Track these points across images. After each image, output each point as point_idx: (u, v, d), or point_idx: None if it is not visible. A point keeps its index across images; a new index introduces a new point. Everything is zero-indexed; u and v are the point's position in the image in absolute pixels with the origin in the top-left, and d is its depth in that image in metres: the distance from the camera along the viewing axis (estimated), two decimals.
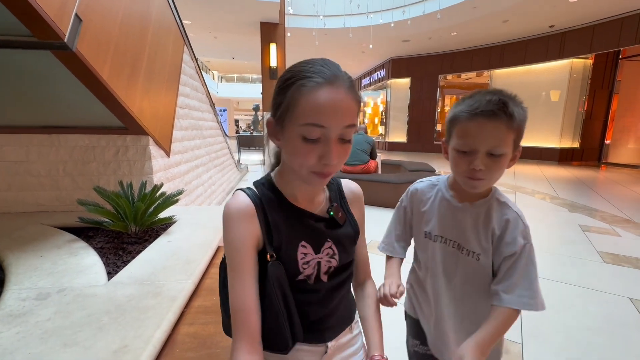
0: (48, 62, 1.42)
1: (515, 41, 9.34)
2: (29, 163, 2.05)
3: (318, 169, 0.52)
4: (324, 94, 0.49)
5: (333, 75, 0.50)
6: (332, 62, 0.53)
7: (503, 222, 0.71)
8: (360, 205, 0.71)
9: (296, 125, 0.50)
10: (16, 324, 0.91)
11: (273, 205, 0.59)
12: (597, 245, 2.78)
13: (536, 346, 1.49)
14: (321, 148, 0.51)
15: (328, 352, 0.64)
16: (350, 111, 0.51)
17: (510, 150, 0.66)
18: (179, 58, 2.71)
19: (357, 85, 1.00)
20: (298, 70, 0.52)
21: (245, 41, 9.00)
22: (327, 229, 0.62)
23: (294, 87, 0.50)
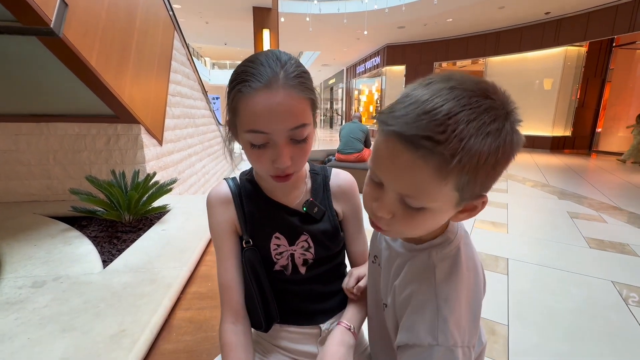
0: (34, 48, 1.39)
1: (510, 28, 9.28)
2: (18, 152, 2.02)
3: (273, 172, 0.52)
4: (259, 100, 0.46)
5: (270, 77, 0.46)
6: (277, 57, 0.49)
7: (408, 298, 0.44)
8: (348, 199, 0.67)
9: (242, 131, 0.50)
10: (14, 311, 0.92)
11: (250, 196, 0.62)
12: (583, 231, 2.86)
13: (521, 327, 1.55)
14: (270, 152, 0.50)
15: (322, 334, 0.66)
16: (293, 113, 0.48)
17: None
18: (169, 44, 2.66)
19: (309, 77, 0.80)
20: (239, 71, 0.49)
21: (237, 27, 8.80)
22: (303, 223, 0.62)
23: (234, 92, 0.49)
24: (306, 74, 0.51)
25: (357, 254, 0.70)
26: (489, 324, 1.57)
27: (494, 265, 2.20)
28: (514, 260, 2.26)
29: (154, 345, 0.86)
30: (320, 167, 0.69)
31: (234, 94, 0.49)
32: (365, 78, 14.69)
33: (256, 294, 0.60)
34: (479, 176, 0.34)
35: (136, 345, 0.79)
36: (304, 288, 0.63)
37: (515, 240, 2.65)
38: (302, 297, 0.64)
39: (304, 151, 0.53)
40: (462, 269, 0.42)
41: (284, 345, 0.66)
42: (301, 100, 0.49)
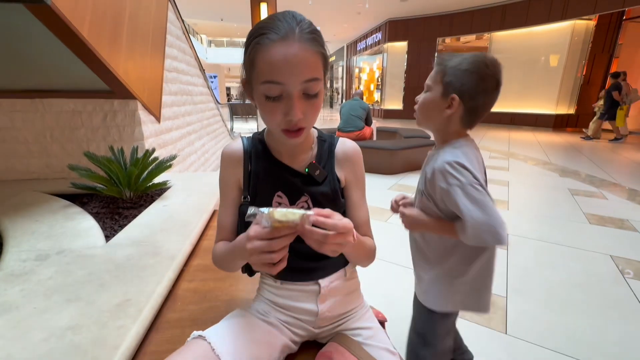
0: (24, 18, 1.33)
1: (517, 1, 8.93)
2: (15, 130, 1.99)
3: (285, 125, 0.54)
4: (277, 51, 0.49)
5: (287, 30, 0.49)
6: (292, 15, 0.52)
7: (432, 169, 0.76)
8: (351, 165, 0.69)
9: (258, 84, 0.52)
10: (19, 283, 0.93)
11: (258, 156, 0.67)
12: (584, 207, 2.86)
13: (520, 300, 1.58)
14: (284, 105, 0.52)
15: (322, 291, 0.68)
16: (307, 65, 0.50)
17: None
18: (163, 16, 2.56)
19: (322, 36, 0.87)
20: (257, 27, 0.52)
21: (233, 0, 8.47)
22: (304, 185, 0.65)
23: (252, 46, 0.51)
24: (318, 32, 0.53)
25: (359, 221, 0.69)
26: None
27: None
28: (514, 236, 2.28)
29: (159, 314, 0.87)
30: (328, 134, 0.71)
31: (252, 47, 0.51)
32: (366, 55, 14.32)
33: None
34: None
35: (142, 313, 0.81)
36: (303, 246, 0.64)
37: (516, 217, 2.66)
38: (302, 256, 0.65)
39: (315, 107, 0.55)
40: (463, 148, 0.75)
41: (284, 303, 0.69)
42: (314, 54, 0.51)
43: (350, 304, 0.72)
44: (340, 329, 0.71)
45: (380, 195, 3.24)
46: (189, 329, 0.69)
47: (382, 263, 1.92)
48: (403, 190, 3.34)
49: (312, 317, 0.68)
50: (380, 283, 1.72)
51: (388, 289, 1.67)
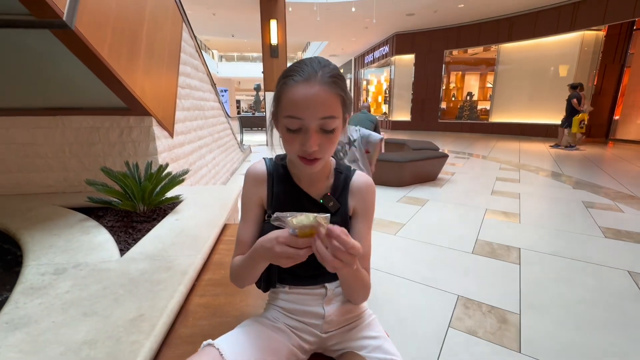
0: (48, 42, 1.41)
1: (524, 13, 8.98)
2: (36, 145, 2.07)
3: (301, 153, 0.61)
4: (298, 90, 0.57)
5: (310, 74, 0.57)
6: (318, 61, 0.60)
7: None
8: (362, 199, 0.72)
9: (281, 117, 0.60)
10: (38, 296, 0.96)
11: (280, 179, 0.72)
12: (599, 220, 2.80)
13: (534, 317, 1.54)
14: (302, 137, 0.59)
15: (328, 294, 0.71)
16: (325, 104, 0.57)
17: None
18: (178, 36, 2.66)
19: (344, 81, 0.90)
20: (287, 69, 0.61)
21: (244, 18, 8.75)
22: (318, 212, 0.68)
23: (280, 85, 0.61)
24: (341, 77, 0.60)
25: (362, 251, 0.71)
26: (500, 312, 1.57)
27: (505, 254, 2.18)
28: (527, 250, 2.24)
29: (172, 329, 0.88)
30: (345, 166, 0.75)
31: (280, 86, 0.60)
32: (374, 68, 14.49)
33: None
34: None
35: (155, 328, 0.82)
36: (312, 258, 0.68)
37: (528, 230, 2.61)
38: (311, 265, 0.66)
39: (331, 141, 0.61)
40: None
41: (292, 307, 0.72)
42: (332, 96, 0.58)
43: (356, 309, 0.75)
44: (347, 338, 0.72)
45: (389, 208, 3.23)
46: (200, 344, 0.70)
47: (391, 277, 1.90)
48: (412, 203, 3.33)
49: (319, 321, 0.71)
50: (389, 297, 1.70)
51: (396, 303, 1.65)
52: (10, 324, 0.83)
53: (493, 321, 1.51)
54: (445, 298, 1.68)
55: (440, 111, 11.66)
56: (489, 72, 10.78)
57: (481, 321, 1.51)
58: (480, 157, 6.27)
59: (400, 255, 2.21)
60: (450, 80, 11.87)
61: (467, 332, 1.43)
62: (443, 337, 1.40)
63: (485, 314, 1.56)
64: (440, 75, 11.38)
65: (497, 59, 10.03)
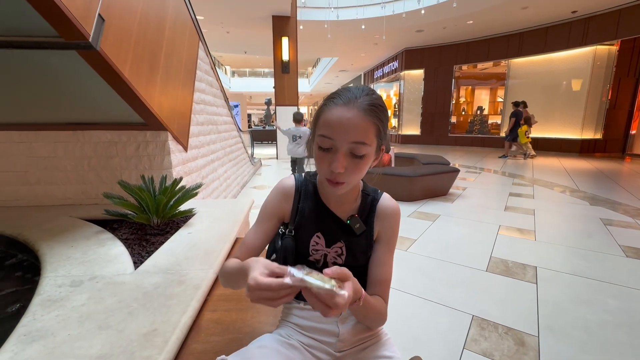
0: (72, 61, 1.48)
1: (534, 28, 9.01)
2: (57, 159, 2.15)
3: (328, 175, 0.62)
4: (336, 112, 0.59)
5: (350, 99, 0.59)
6: (363, 89, 0.62)
7: None
8: (388, 223, 0.73)
9: (317, 135, 0.62)
10: (55, 308, 0.97)
11: (308, 196, 0.73)
12: (619, 239, 2.70)
13: (553, 340, 1.48)
14: (331, 157, 0.60)
15: (343, 312, 0.69)
16: (358, 129, 0.58)
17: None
18: (194, 54, 2.76)
19: (384, 111, 0.61)
20: (332, 93, 0.64)
21: (257, 35, 9.02)
22: (343, 233, 0.71)
23: (322, 106, 0.63)
24: (381, 107, 0.62)
25: (379, 279, 0.71)
26: (517, 334, 1.51)
27: (521, 273, 2.11)
28: (543, 269, 2.17)
29: (184, 345, 0.88)
30: (372, 189, 0.76)
31: (321, 107, 0.63)
32: (383, 83, 14.63)
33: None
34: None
35: (168, 344, 0.82)
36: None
37: (544, 248, 2.54)
38: None
39: (359, 167, 0.61)
40: None
41: (306, 325, 0.72)
42: (367, 123, 0.59)
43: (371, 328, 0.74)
44: (361, 357, 0.71)
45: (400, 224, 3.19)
46: None
47: (402, 295, 1.86)
48: (423, 218, 3.28)
49: (333, 339, 0.70)
50: (400, 315, 1.66)
51: (408, 322, 1.61)
52: (28, 336, 0.85)
53: (510, 343, 1.45)
54: (460, 318, 1.63)
55: (450, 125, 11.63)
56: (499, 86, 10.76)
57: (498, 343, 1.46)
58: (492, 172, 6.18)
59: (411, 271, 2.16)
60: (460, 95, 11.88)
61: (483, 355, 1.38)
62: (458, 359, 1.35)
63: (501, 335, 1.51)
64: (450, 90, 11.41)
65: (507, 73, 10.02)
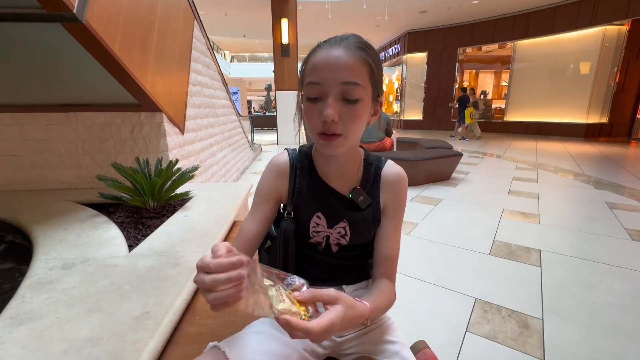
0: (62, 38, 1.41)
1: (542, 8, 8.71)
2: (50, 142, 2.09)
3: (320, 128, 0.53)
4: (322, 54, 0.52)
5: (339, 39, 0.53)
6: (353, 34, 0.56)
7: None
8: (394, 193, 0.65)
9: (304, 86, 0.55)
10: (44, 291, 0.94)
11: (304, 172, 0.66)
12: (624, 222, 2.66)
13: (558, 322, 1.46)
14: (321, 105, 0.52)
15: None
16: (347, 67, 0.51)
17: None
18: (189, 33, 2.66)
19: (374, 52, 0.53)
20: (317, 44, 0.56)
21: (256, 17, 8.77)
22: (346, 210, 0.64)
23: (307, 57, 0.56)
24: (370, 47, 0.55)
25: (385, 255, 0.64)
26: (520, 316, 1.49)
27: (525, 256, 2.08)
28: (548, 252, 2.13)
29: (178, 328, 0.85)
30: (375, 156, 0.68)
31: (306, 58, 0.55)
32: (386, 67, 14.34)
33: (280, 261, 0.65)
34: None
35: (160, 327, 0.79)
36: (332, 261, 0.65)
37: (548, 232, 2.50)
38: (329, 267, 0.66)
39: (355, 114, 0.53)
40: None
41: None
42: (357, 60, 0.52)
43: None
44: (363, 342, 0.66)
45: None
46: (207, 344, 0.66)
47: (405, 278, 1.83)
48: (426, 202, 3.24)
49: None
50: (402, 299, 1.64)
51: (411, 305, 1.59)
52: (15, 319, 0.82)
53: (514, 326, 1.43)
54: (462, 301, 1.61)
55: (453, 110, 11.45)
56: (504, 70, 10.51)
57: (501, 326, 1.43)
58: (495, 157, 6.10)
59: (413, 255, 2.13)
60: (464, 79, 11.63)
61: (486, 337, 1.36)
62: (461, 342, 1.33)
63: (505, 318, 1.49)
64: (453, 74, 11.16)
65: (512, 56, 9.76)
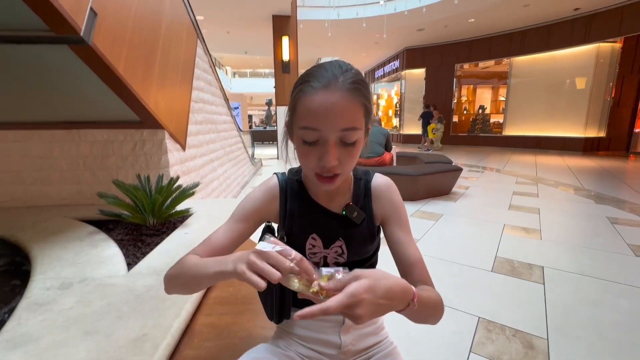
0: (67, 58, 1.44)
1: (537, 26, 8.93)
2: (52, 158, 2.11)
3: (318, 170, 0.54)
4: (317, 98, 0.50)
5: (330, 79, 0.50)
6: (339, 64, 0.53)
7: None
8: (388, 201, 0.65)
9: (297, 128, 0.53)
10: (41, 312, 0.93)
11: (295, 195, 0.65)
12: (627, 238, 2.64)
13: (564, 342, 1.42)
14: (319, 150, 0.52)
15: (346, 321, 0.65)
16: (346, 114, 0.50)
17: None
18: (192, 52, 2.72)
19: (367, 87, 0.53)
20: (303, 74, 0.54)
21: (257, 35, 8.98)
22: (340, 228, 0.63)
23: (296, 92, 0.53)
24: (364, 82, 0.53)
25: (412, 260, 0.60)
26: (525, 336, 1.46)
27: (527, 273, 2.05)
28: (550, 269, 2.11)
29: (176, 351, 0.83)
30: (363, 170, 0.68)
31: (296, 93, 0.53)
32: (384, 82, 14.57)
33: (275, 290, 0.63)
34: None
35: (158, 350, 0.77)
36: None
37: (550, 247, 2.48)
38: None
39: (352, 155, 0.54)
40: None
41: (305, 335, 0.66)
42: (355, 104, 0.51)
43: (375, 337, 0.68)
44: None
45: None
46: None
47: None
48: (426, 217, 3.23)
49: (334, 351, 0.65)
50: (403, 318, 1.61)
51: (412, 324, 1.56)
52: (11, 342, 0.80)
53: (519, 346, 1.40)
54: (465, 320, 1.58)
55: (452, 124, 11.55)
56: (501, 85, 10.68)
57: (506, 346, 1.40)
58: (495, 171, 6.11)
59: None
60: (462, 94, 11.80)
61: (490, 359, 1.33)
62: None
63: (509, 338, 1.45)
64: (451, 89, 11.33)
65: (509, 72, 9.94)
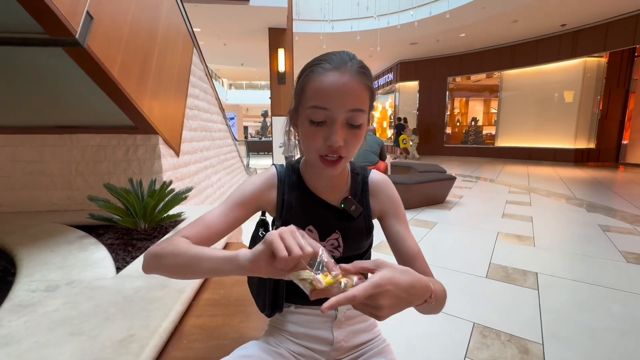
0: (61, 61, 1.45)
1: (525, 41, 9.22)
2: (43, 163, 2.08)
3: (324, 151, 0.54)
4: (328, 78, 0.51)
5: (340, 62, 0.52)
6: (345, 52, 0.55)
7: None
8: (386, 196, 0.66)
9: (305, 108, 0.53)
10: (24, 314, 0.90)
11: (292, 186, 0.65)
12: (618, 245, 2.66)
13: (559, 347, 1.41)
14: (326, 130, 0.53)
15: (338, 316, 0.64)
16: (355, 95, 0.52)
17: None
18: (188, 59, 2.75)
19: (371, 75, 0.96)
20: (313, 60, 0.55)
21: (253, 47, 9.12)
22: (337, 220, 0.63)
23: (305, 74, 0.54)
24: (368, 70, 0.56)
25: (411, 253, 0.61)
26: (520, 341, 1.44)
27: (522, 279, 2.05)
28: (544, 275, 2.11)
29: (163, 352, 0.81)
30: (360, 166, 0.70)
31: (306, 75, 0.54)
32: (379, 94, 14.80)
33: (269, 281, 0.63)
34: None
35: (144, 351, 0.75)
36: None
37: (544, 254, 2.49)
38: None
39: (356, 139, 0.55)
40: None
41: (297, 331, 0.65)
42: (363, 87, 0.53)
43: (368, 335, 0.67)
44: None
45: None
46: None
47: None
48: (421, 226, 3.23)
49: (326, 347, 0.63)
50: (399, 323, 1.59)
51: (408, 330, 1.54)
52: None
53: (514, 351, 1.38)
54: (460, 325, 1.56)
55: (446, 136, 11.71)
56: (492, 98, 10.91)
57: (501, 351, 1.38)
58: (488, 181, 6.18)
59: None
60: (455, 106, 12.02)
61: None
62: None
63: (504, 343, 1.44)
64: (444, 101, 11.54)
65: (500, 85, 10.18)
